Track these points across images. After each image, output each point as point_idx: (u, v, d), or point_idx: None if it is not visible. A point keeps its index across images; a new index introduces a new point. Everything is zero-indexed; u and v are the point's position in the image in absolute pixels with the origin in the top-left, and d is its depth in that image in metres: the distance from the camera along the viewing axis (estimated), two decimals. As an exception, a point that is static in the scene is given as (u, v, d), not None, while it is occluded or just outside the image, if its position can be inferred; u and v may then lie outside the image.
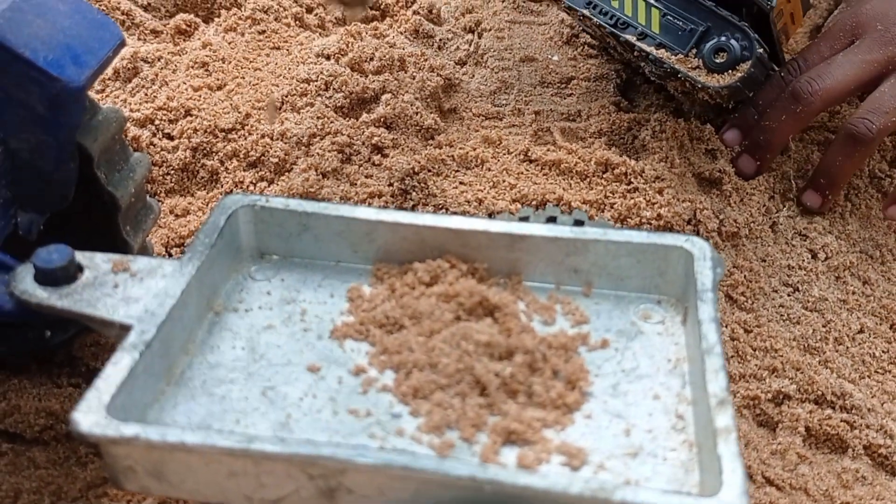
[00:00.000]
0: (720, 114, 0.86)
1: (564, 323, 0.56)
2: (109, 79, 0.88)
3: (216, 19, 0.98)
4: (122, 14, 0.95)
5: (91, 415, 0.43)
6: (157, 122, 0.82)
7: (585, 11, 0.80)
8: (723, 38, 0.76)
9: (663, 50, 0.78)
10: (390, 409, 0.49)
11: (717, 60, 0.76)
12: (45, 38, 0.53)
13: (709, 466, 0.46)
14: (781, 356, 0.72)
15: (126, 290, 0.51)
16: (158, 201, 0.76)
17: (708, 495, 0.44)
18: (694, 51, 0.77)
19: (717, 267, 0.55)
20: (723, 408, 0.46)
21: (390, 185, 0.79)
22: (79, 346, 0.69)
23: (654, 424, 0.50)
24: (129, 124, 0.82)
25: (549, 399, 0.49)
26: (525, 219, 0.64)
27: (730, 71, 0.76)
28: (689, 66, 0.77)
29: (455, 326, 0.52)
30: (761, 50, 0.76)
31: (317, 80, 0.87)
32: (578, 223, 0.61)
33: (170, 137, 0.82)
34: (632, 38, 0.78)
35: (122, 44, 0.59)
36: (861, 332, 0.76)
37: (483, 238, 0.58)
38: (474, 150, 0.83)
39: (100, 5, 0.95)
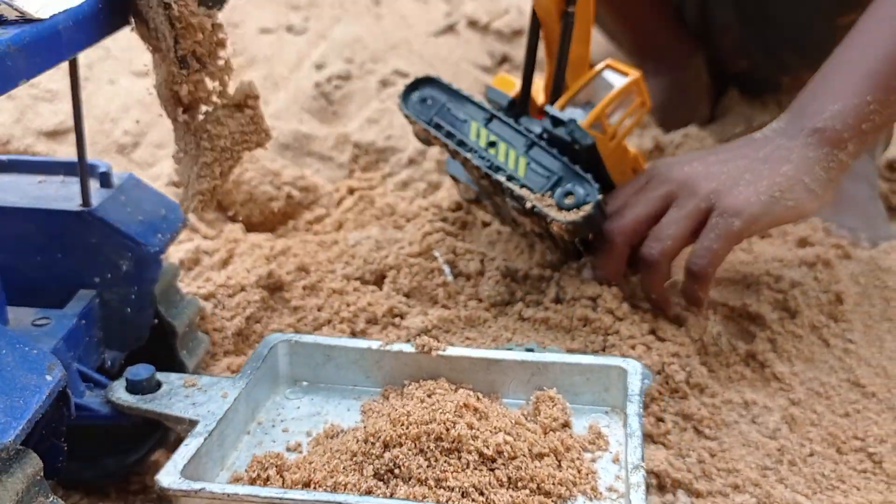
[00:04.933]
0: (566, 254, 1.03)
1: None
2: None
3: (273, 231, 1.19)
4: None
5: (170, 476, 0.59)
6: (218, 296, 1.01)
7: (468, 155, 0.97)
8: (571, 185, 0.93)
9: (525, 189, 0.94)
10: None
11: (567, 202, 0.93)
12: (135, 216, 0.73)
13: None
14: (743, 475, 0.85)
15: (194, 398, 0.68)
16: (216, 361, 0.94)
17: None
18: (549, 192, 0.94)
19: (646, 379, 0.71)
20: (636, 470, 0.61)
21: (408, 341, 0.96)
22: (150, 475, 0.84)
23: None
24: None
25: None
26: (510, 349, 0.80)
27: (575, 210, 0.92)
28: (545, 203, 0.93)
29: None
30: (601, 196, 0.92)
31: (351, 263, 1.06)
32: (529, 350, 0.77)
33: (227, 309, 1.01)
34: (502, 179, 0.95)
35: (185, 223, 0.78)
36: (811, 455, 0.89)
37: (466, 363, 0.75)
38: (476, 312, 1.00)
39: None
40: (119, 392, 0.68)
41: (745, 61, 1.48)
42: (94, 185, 0.74)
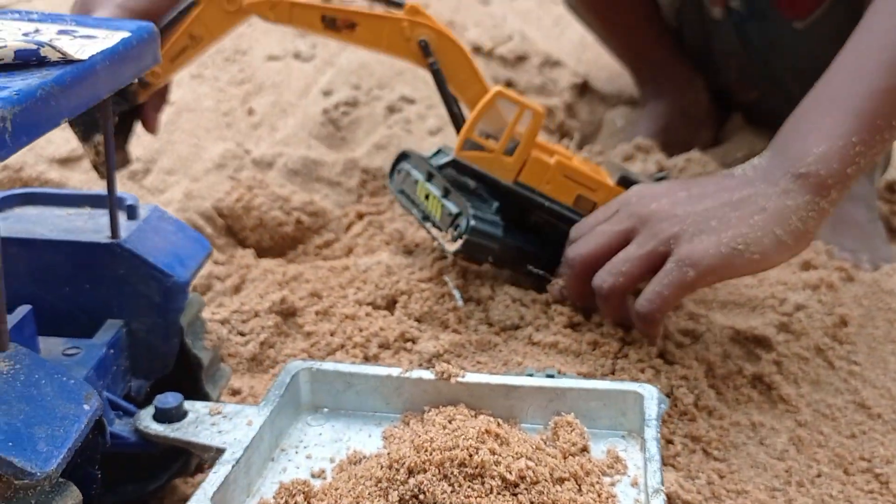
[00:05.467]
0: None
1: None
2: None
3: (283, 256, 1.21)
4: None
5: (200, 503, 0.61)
6: (232, 321, 1.02)
7: (413, 211, 1.09)
8: (460, 218, 1.02)
9: (436, 229, 1.06)
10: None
11: (454, 233, 1.03)
12: (161, 248, 0.75)
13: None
14: (752, 496, 0.87)
15: (220, 426, 0.69)
16: (230, 386, 0.95)
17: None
18: (451, 228, 1.03)
19: (662, 403, 0.73)
20: (657, 495, 0.63)
21: (420, 366, 0.98)
22: (168, 500, 0.86)
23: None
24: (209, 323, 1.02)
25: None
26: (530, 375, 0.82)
27: (458, 240, 1.02)
28: (446, 238, 1.03)
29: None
30: (474, 222, 1.00)
31: (362, 288, 1.08)
32: (549, 376, 0.79)
33: (242, 334, 1.02)
34: (427, 226, 1.07)
35: (210, 253, 0.80)
36: (819, 476, 0.91)
37: (486, 389, 0.76)
38: (487, 336, 1.01)
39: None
40: (147, 420, 0.70)
41: (755, 92, 1.50)
42: (120, 217, 0.76)
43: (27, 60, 0.56)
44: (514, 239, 1.05)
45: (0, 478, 0.53)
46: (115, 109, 1.04)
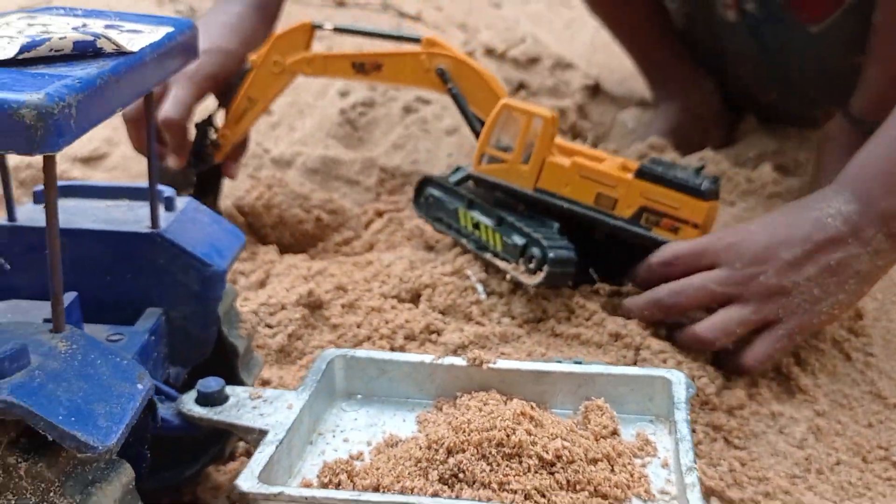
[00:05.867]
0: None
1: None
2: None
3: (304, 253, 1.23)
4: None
5: (248, 481, 0.63)
6: (260, 314, 1.04)
7: (463, 241, 1.11)
8: (532, 249, 1.02)
9: (503, 262, 1.05)
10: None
11: (531, 265, 1.02)
12: (199, 238, 0.77)
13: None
14: (773, 483, 0.89)
15: (261, 409, 0.71)
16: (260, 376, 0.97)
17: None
18: (521, 259, 1.03)
19: (690, 388, 0.75)
20: (690, 472, 0.65)
21: (447, 354, 0.99)
22: (202, 489, 0.87)
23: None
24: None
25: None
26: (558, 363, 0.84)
27: (538, 271, 1.01)
28: (519, 271, 1.03)
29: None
30: (553, 254, 1.00)
31: (387, 282, 1.10)
32: (577, 363, 0.81)
33: (270, 326, 1.04)
34: (489, 257, 1.07)
35: (244, 244, 0.82)
36: (838, 464, 0.93)
37: (517, 375, 0.78)
38: (510, 329, 1.03)
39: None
40: (189, 404, 0.72)
41: (772, 93, 1.52)
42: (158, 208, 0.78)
43: (84, 51, 0.58)
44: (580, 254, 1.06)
45: (61, 452, 0.55)
46: (193, 171, 1.20)
